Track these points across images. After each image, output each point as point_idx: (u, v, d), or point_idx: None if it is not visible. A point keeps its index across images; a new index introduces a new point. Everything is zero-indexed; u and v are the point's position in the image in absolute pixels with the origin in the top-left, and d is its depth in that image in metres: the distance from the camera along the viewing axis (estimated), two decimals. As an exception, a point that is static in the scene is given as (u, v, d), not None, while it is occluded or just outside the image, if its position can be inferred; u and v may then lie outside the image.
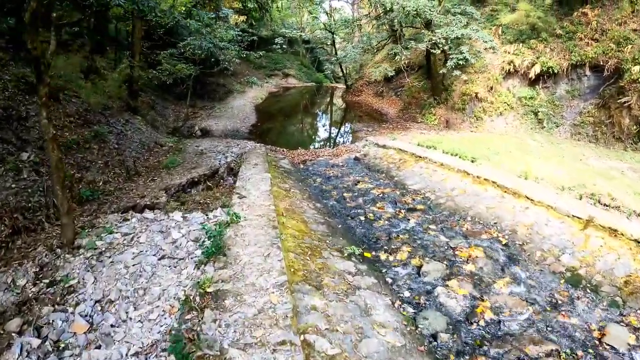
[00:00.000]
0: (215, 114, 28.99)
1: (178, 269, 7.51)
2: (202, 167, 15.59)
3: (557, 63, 22.95)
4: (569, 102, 22.88)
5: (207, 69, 25.12)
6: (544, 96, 24.11)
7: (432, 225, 11.75)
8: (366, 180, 15.86)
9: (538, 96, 24.23)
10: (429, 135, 22.45)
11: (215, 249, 7.29)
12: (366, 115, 29.97)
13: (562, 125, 22.83)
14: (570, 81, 23.02)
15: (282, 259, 7.34)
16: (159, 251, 8.26)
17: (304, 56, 52.56)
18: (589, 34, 22.59)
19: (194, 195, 12.81)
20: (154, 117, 24.33)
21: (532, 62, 24.25)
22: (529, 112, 23.98)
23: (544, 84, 24.26)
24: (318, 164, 18.07)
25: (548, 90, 24.30)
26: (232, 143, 20.74)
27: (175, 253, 8.13)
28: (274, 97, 39.01)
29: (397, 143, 19.32)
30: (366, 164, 18.06)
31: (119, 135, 17.21)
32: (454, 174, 14.78)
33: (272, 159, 16.87)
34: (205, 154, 18.05)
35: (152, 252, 8.24)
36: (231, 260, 7.30)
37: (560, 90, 23.27)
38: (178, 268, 7.55)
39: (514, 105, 24.57)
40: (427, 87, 28.72)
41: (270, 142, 23.09)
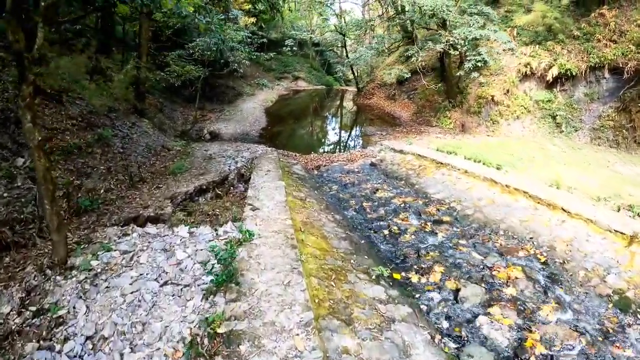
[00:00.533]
0: (225, 116, 27.85)
1: (183, 299, 6.31)
2: (211, 173, 14.41)
3: (575, 65, 21.79)
4: (588, 106, 21.72)
5: (216, 70, 24.03)
6: (561, 99, 22.88)
7: (463, 240, 10.52)
8: (385, 188, 14.62)
9: (556, 99, 23.00)
10: (446, 139, 21.22)
11: (226, 276, 6.07)
12: (379, 119, 28.74)
13: (581, 129, 21.66)
14: (588, 84, 21.86)
15: (305, 289, 6.12)
16: (161, 275, 7.07)
17: (313, 59, 51.38)
18: (607, 35, 21.47)
19: (202, 205, 11.61)
20: (161, 120, 23.21)
21: (550, 64, 22.99)
22: (546, 116, 22.78)
23: (562, 86, 23.02)
24: (333, 170, 16.86)
25: (566, 94, 23.03)
26: (242, 147, 19.59)
27: (179, 278, 6.92)
28: (284, 100, 37.83)
29: (414, 148, 18.09)
30: (383, 170, 16.82)
31: (125, 139, 16.11)
32: (480, 182, 13.55)
33: (284, 165, 15.67)
34: (214, 158, 16.88)
35: (153, 276, 7.05)
36: (245, 290, 6.09)
37: (579, 93, 22.15)
38: (183, 298, 6.34)
39: (531, 109, 23.34)
40: (441, 90, 27.44)
41: (282, 146, 21.92)
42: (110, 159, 14.08)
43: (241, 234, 7.73)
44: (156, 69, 23.35)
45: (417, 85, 30.31)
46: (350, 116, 33.23)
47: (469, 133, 23.70)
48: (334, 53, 52.36)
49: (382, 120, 28.21)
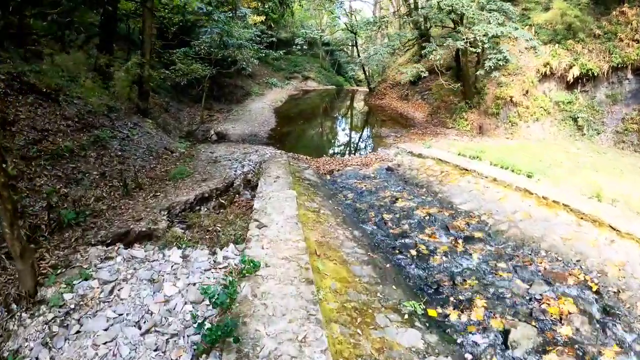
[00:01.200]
0: (233, 117, 26.33)
1: (167, 358, 4.74)
2: (215, 179, 12.89)
3: (597, 65, 20.56)
4: (610, 108, 20.58)
5: (223, 69, 22.53)
6: (582, 101, 21.52)
7: (502, 263, 8.94)
8: (405, 196, 13.04)
9: (576, 101, 21.62)
10: (463, 142, 19.74)
11: (222, 331, 4.48)
12: (392, 120, 27.11)
13: (603, 132, 20.41)
14: (610, 85, 20.71)
15: (327, 347, 4.52)
16: (145, 317, 5.55)
17: (323, 59, 49.71)
18: (629, 34, 20.29)
19: (203, 218, 10.07)
20: (166, 120, 21.73)
21: (570, 64, 21.55)
22: (567, 118, 21.35)
23: (583, 87, 21.70)
24: (346, 175, 15.29)
25: (587, 95, 21.68)
26: (249, 149, 18.10)
27: (166, 323, 5.40)
28: (294, 100, 36.22)
29: (433, 151, 16.50)
30: (401, 175, 15.24)
31: (124, 141, 14.71)
32: (512, 192, 11.97)
33: (295, 170, 14.12)
34: (219, 162, 15.39)
35: (134, 317, 5.54)
36: (248, 349, 4.49)
37: (600, 94, 20.95)
38: (167, 357, 4.77)
39: (551, 111, 21.89)
40: (457, 90, 25.75)
41: (291, 148, 20.40)
42: (106, 163, 12.66)
43: (244, 264, 6.13)
44: (162, 68, 21.90)
45: (431, 85, 28.67)
46: (362, 117, 31.54)
47: (487, 135, 22.26)
48: (345, 53, 50.76)
49: (396, 121, 26.58)
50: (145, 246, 7.60)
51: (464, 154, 15.67)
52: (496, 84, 23.34)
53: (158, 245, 7.83)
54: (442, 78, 27.10)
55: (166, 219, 9.38)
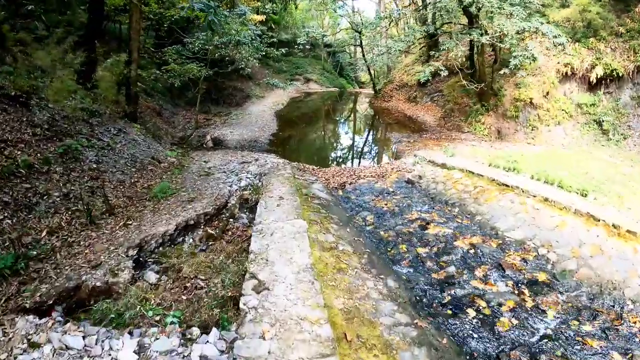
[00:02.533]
0: (232, 121, 23.61)
1: None
2: (205, 199, 10.20)
3: (622, 65, 18.24)
4: (636, 110, 18.36)
5: (220, 69, 19.81)
6: (606, 103, 19.08)
7: (587, 325, 6.34)
8: (436, 218, 10.40)
9: (600, 103, 19.15)
10: (484, 148, 17.38)
11: None
12: (401, 124, 24.39)
13: (630, 137, 18.02)
14: (635, 86, 18.51)
15: None
16: None
17: (325, 60, 46.89)
18: None
19: (182, 259, 7.35)
20: (158, 125, 19.03)
21: (592, 63, 19.01)
22: (590, 122, 18.84)
23: (606, 88, 19.26)
24: (361, 190, 12.62)
25: (611, 97, 19.24)
26: (248, 157, 15.48)
27: None
28: (296, 103, 33.45)
29: (458, 161, 13.88)
30: (425, 190, 12.59)
31: (103, 150, 12.05)
32: (570, 216, 9.32)
33: (301, 185, 11.43)
34: (212, 174, 12.72)
35: None
36: None
37: (625, 96, 18.72)
38: None
39: (573, 113, 19.35)
40: (471, 92, 23.08)
41: (295, 155, 17.78)
42: (74, 179, 9.98)
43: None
44: (154, 68, 19.21)
45: (441, 87, 26.04)
46: (368, 120, 28.68)
47: (507, 140, 19.77)
48: (347, 55, 48.00)
49: (405, 125, 23.86)
50: (85, 327, 4.83)
51: (496, 164, 13.04)
52: (514, 84, 20.92)
53: (108, 325, 5.07)
54: (454, 79, 24.58)
55: (131, 266, 6.66)
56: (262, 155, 16.18)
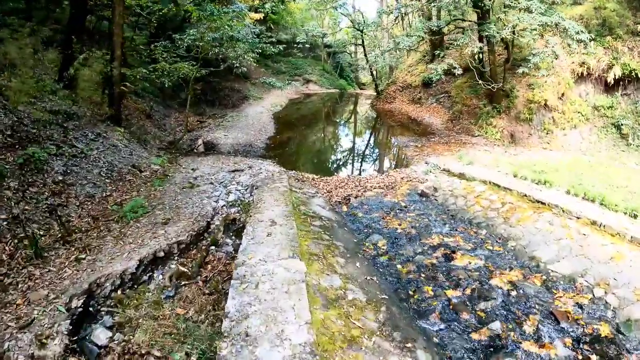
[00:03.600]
0: (226, 123, 21.58)
1: None
2: (182, 220, 8.23)
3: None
4: None
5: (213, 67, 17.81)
6: (624, 105, 17.48)
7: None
8: (461, 244, 8.43)
9: (618, 105, 17.52)
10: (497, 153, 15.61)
11: None
12: (406, 127, 22.36)
13: None
14: None
15: None
16: None
17: (325, 61, 44.80)
18: None
19: (142, 311, 5.34)
20: (145, 129, 17.05)
21: (609, 63, 17.34)
22: (608, 125, 17.21)
23: (624, 90, 17.70)
24: (369, 205, 10.63)
25: (629, 98, 17.63)
26: (241, 164, 13.59)
27: None
28: (295, 105, 31.36)
29: (477, 170, 11.95)
30: (442, 205, 10.64)
31: (74, 159, 10.18)
32: (627, 245, 7.49)
33: (299, 200, 9.44)
34: (198, 186, 10.75)
35: None
36: None
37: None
38: None
39: (590, 116, 17.61)
40: (481, 93, 21.10)
41: (292, 162, 15.88)
42: (31, 196, 8.06)
43: None
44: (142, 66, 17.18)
45: (447, 88, 24.03)
46: (371, 123, 26.52)
47: (521, 145, 17.92)
48: (348, 55, 45.92)
49: (410, 128, 21.84)
50: None
51: (523, 175, 11.03)
52: (526, 85, 19.16)
53: None
54: (462, 79, 22.61)
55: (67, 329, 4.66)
56: (257, 162, 14.24)
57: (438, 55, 25.26)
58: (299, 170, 14.23)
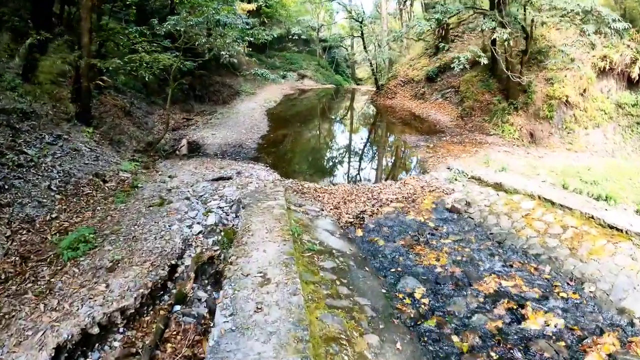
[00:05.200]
0: (215, 121, 18.92)
1: None
2: (138, 264, 5.65)
3: None
4: None
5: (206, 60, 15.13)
6: None
7: None
8: (524, 288, 6.06)
9: None
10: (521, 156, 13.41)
11: None
12: (411, 124, 19.73)
13: None
14: None
15: None
16: None
17: (320, 56, 41.96)
18: None
19: None
20: (122, 128, 14.39)
21: (634, 57, 15.04)
22: (633, 124, 14.88)
23: None
24: (389, 226, 8.09)
25: None
26: (228, 169, 11.19)
27: None
28: (289, 101, 28.61)
29: (514, 179, 9.54)
30: (481, 225, 8.16)
31: (20, 169, 7.96)
32: None
33: (300, 225, 6.89)
34: (169, 202, 8.20)
35: None
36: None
37: None
38: None
39: (613, 114, 15.26)
40: (494, 87, 18.59)
41: (288, 166, 13.46)
42: None
43: None
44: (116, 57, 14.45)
45: (454, 82, 21.46)
46: (373, 120, 23.65)
47: (542, 145, 15.58)
48: (344, 50, 43.14)
49: (417, 126, 19.23)
50: None
51: (574, 187, 8.55)
52: (544, 80, 16.71)
53: None
54: (471, 72, 20.09)
55: None
56: (247, 167, 11.74)
57: (442, 49, 22.81)
58: (296, 176, 11.69)
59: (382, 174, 13.73)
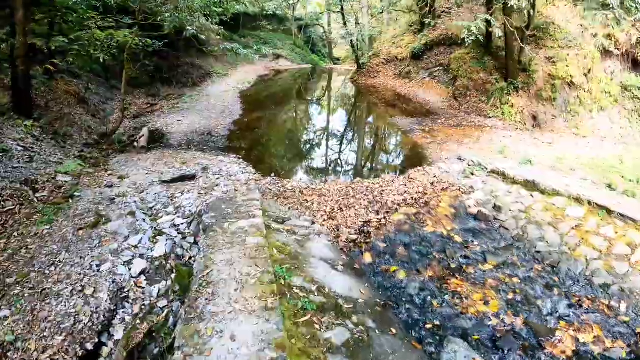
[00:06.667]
0: (183, 105, 16.39)
1: None
2: (38, 347, 3.27)
3: None
4: None
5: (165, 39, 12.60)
6: None
7: None
8: (607, 343, 4.04)
9: None
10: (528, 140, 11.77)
11: None
12: (399, 106, 17.51)
13: None
14: None
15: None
16: None
17: (296, 36, 39.12)
18: None
19: None
20: (72, 118, 11.83)
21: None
22: None
23: None
24: (405, 245, 5.93)
25: None
26: (192, 166, 9.00)
27: None
28: (264, 82, 25.96)
29: (547, 176, 7.49)
30: (520, 239, 6.07)
31: None
32: None
33: (286, 254, 4.65)
34: (108, 221, 5.92)
35: None
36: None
37: None
38: None
39: (618, 97, 13.59)
40: (489, 66, 16.55)
41: (265, 156, 11.22)
42: None
43: None
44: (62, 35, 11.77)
45: (442, 60, 19.32)
46: (357, 102, 21.10)
47: (547, 129, 13.85)
48: (320, 28, 40.28)
49: (405, 107, 17.04)
50: None
51: (625, 188, 6.57)
52: (545, 58, 14.94)
53: None
54: (461, 50, 17.97)
55: None
56: (215, 160, 9.55)
57: (429, 25, 20.60)
58: (275, 170, 9.44)
59: (379, 166, 11.48)
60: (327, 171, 10.77)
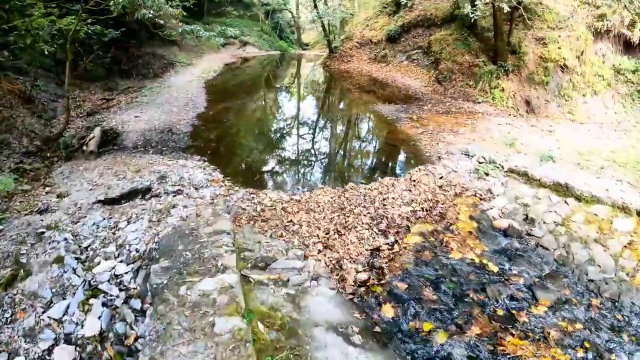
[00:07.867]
0: (142, 99, 14.36)
1: None
2: None
3: None
4: None
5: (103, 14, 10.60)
6: None
7: None
8: None
9: None
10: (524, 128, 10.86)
11: None
12: (375, 92, 15.88)
13: None
14: None
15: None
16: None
17: (263, 22, 36.95)
18: None
19: None
20: (12, 122, 9.79)
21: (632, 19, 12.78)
22: (634, 92, 12.52)
23: None
24: (432, 283, 4.39)
25: None
26: (147, 175, 7.47)
27: None
28: (231, 71, 23.82)
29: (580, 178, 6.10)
30: (562, 260, 4.71)
31: None
32: None
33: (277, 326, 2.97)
34: (26, 276, 4.21)
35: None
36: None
37: None
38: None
39: (611, 81, 12.91)
40: (475, 48, 15.20)
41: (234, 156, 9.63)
42: None
43: None
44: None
45: (421, 42, 17.86)
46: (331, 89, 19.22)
47: (542, 115, 12.64)
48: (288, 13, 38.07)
49: (384, 94, 15.44)
50: None
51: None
52: (534, 39, 13.94)
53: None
54: (443, 31, 16.59)
55: None
56: (174, 166, 7.88)
57: (405, 5, 19.00)
58: (247, 175, 7.85)
59: (370, 164, 9.86)
60: (309, 174, 9.07)
